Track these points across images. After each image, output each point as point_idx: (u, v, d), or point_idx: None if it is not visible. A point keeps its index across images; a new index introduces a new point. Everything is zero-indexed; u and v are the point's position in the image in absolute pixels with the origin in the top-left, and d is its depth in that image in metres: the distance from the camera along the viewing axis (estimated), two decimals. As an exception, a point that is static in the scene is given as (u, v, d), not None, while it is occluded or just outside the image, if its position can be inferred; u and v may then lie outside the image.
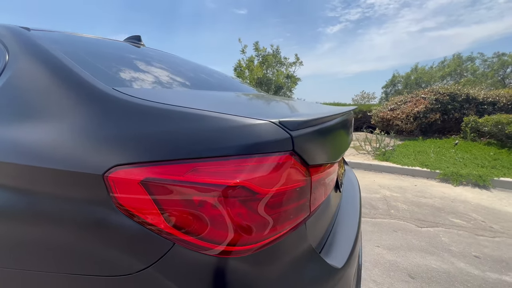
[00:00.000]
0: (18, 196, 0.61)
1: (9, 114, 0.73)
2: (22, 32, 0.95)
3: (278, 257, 0.55)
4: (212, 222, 0.48)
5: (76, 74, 0.70)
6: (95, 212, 0.52)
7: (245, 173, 0.49)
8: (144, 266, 0.48)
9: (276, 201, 0.52)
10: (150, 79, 0.99)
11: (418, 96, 7.57)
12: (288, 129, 0.52)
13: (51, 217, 0.56)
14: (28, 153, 0.61)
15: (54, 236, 0.55)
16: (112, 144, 0.54)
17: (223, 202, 0.48)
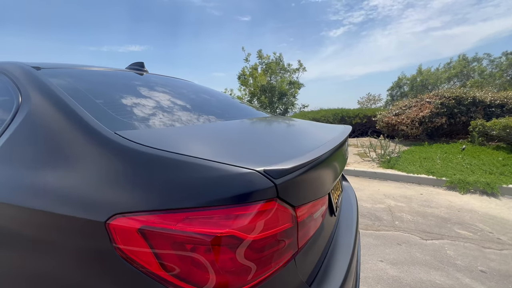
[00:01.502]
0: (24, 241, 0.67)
1: (20, 156, 0.80)
2: (33, 72, 1.03)
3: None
4: (202, 268, 0.52)
5: (81, 119, 0.76)
6: (98, 257, 0.57)
7: (232, 222, 0.53)
8: None
9: (263, 245, 0.56)
10: (151, 113, 1.05)
11: (423, 101, 7.50)
12: (272, 177, 0.57)
13: (59, 262, 0.61)
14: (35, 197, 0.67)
15: (62, 281, 0.60)
16: (112, 192, 0.59)
17: (213, 249, 0.52)
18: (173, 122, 1.03)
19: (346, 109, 10.15)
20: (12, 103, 0.95)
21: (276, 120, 1.59)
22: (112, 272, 0.56)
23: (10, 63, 1.16)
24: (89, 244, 0.57)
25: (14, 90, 0.98)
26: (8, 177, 0.75)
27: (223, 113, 1.48)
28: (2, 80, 1.11)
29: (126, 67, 1.76)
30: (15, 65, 1.11)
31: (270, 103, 14.89)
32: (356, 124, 9.76)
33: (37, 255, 0.64)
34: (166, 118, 1.05)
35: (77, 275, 0.59)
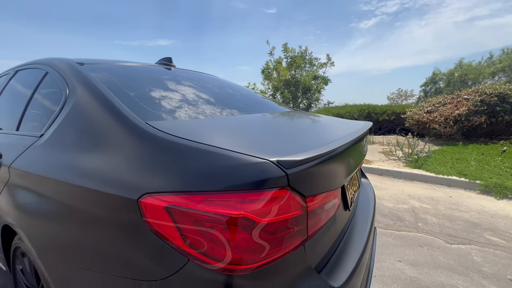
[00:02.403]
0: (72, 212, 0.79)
1: (68, 142, 0.92)
2: (78, 67, 1.16)
3: (276, 275, 0.64)
4: (219, 244, 0.59)
5: (117, 110, 0.86)
6: (131, 229, 0.66)
7: (246, 205, 0.59)
8: (167, 275, 0.61)
9: (273, 229, 0.61)
10: (178, 106, 1.14)
11: (460, 97, 6.95)
12: (284, 167, 0.61)
13: (98, 231, 0.72)
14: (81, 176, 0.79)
15: (101, 247, 0.71)
16: (143, 174, 0.68)
17: (228, 228, 0.58)
18: (198, 114, 1.11)
19: (373, 105, 9.73)
20: (61, 94, 1.09)
21: (296, 114, 1.61)
22: (141, 242, 0.64)
23: (57, 59, 1.31)
24: (124, 217, 0.67)
25: (62, 83, 1.12)
26: (59, 159, 0.88)
27: (245, 107, 1.54)
28: (51, 74, 1.26)
29: (155, 62, 1.88)
30: (62, 61, 1.26)
31: (294, 97, 14.70)
32: (383, 121, 9.33)
33: (81, 224, 0.76)
34: (192, 110, 1.14)
35: (112, 242, 0.69)
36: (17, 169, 1.02)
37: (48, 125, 1.04)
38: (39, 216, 0.88)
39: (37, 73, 1.38)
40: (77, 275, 0.76)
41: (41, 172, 0.89)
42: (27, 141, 1.08)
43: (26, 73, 1.53)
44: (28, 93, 1.35)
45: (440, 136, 7.17)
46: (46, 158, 0.93)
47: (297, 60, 14.43)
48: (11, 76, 1.67)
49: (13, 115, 1.41)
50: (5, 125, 1.48)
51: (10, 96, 1.58)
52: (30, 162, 0.99)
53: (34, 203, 0.90)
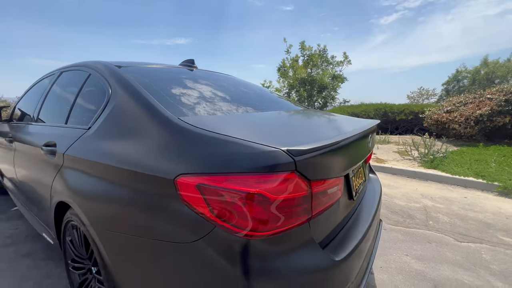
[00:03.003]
0: (119, 188, 0.97)
1: (114, 133, 1.11)
2: (117, 70, 1.36)
3: (284, 242, 0.78)
4: (239, 215, 0.74)
5: (154, 107, 1.03)
6: (167, 203, 0.83)
7: (261, 185, 0.73)
8: (196, 238, 0.77)
9: (283, 205, 0.76)
10: (203, 103, 1.30)
11: (483, 97, 6.69)
12: (292, 155, 0.75)
13: (140, 204, 0.90)
14: (126, 161, 0.96)
15: (142, 216, 0.89)
16: (178, 159, 0.84)
17: (246, 202, 0.73)
18: (220, 111, 1.27)
19: (390, 104, 9.53)
20: (104, 93, 1.28)
21: (307, 112, 1.73)
22: (176, 212, 0.81)
23: (98, 62, 1.51)
24: (162, 192, 0.84)
25: (104, 84, 1.32)
26: (107, 147, 1.06)
27: (261, 105, 1.69)
28: (94, 76, 1.47)
29: (179, 63, 2.07)
30: (103, 64, 1.46)
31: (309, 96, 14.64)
32: (400, 121, 9.13)
33: (126, 199, 0.93)
34: (214, 108, 1.29)
35: (152, 213, 0.86)
36: (71, 155, 1.22)
37: (94, 119, 1.23)
38: (92, 193, 1.07)
39: (81, 74, 1.60)
40: (123, 240, 0.94)
41: (93, 158, 1.09)
42: (77, 132, 1.29)
43: (71, 74, 1.76)
44: (74, 92, 1.57)
45: (461, 137, 6.95)
46: (96, 146, 1.12)
47: (314, 58, 14.34)
48: (56, 76, 1.91)
49: (61, 110, 1.65)
50: (55, 119, 1.71)
51: (58, 94, 1.82)
52: (81, 149, 1.19)
53: (88, 183, 1.10)
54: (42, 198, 1.53)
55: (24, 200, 2.02)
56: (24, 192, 1.94)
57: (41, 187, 1.52)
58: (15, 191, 2.23)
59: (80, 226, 1.16)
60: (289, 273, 0.77)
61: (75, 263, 1.36)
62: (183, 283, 0.82)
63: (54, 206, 1.36)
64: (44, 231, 1.72)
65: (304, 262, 0.81)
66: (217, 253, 0.75)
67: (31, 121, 1.99)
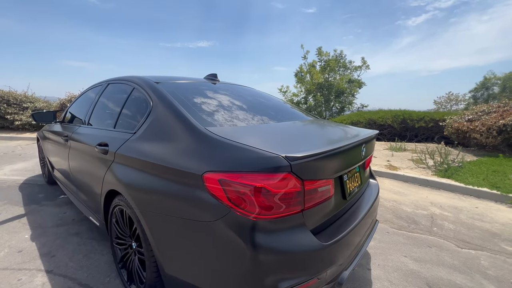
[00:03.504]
0: (160, 180, 1.28)
1: (155, 138, 1.43)
2: (156, 86, 1.70)
3: (283, 224, 1.05)
4: (249, 202, 1.01)
5: (186, 118, 1.34)
6: (196, 192, 1.12)
7: (266, 181, 1.00)
8: (215, 218, 1.05)
9: (281, 197, 1.02)
10: (224, 114, 1.60)
11: (508, 106, 6.48)
12: (289, 160, 1.01)
13: (175, 192, 1.20)
14: (163, 159, 1.28)
15: (177, 201, 1.19)
16: (205, 160, 1.14)
17: (254, 194, 1.00)
18: (238, 120, 1.56)
19: (409, 111, 9.38)
20: (147, 104, 1.62)
21: (312, 122, 1.98)
22: (201, 198, 1.10)
23: (140, 78, 1.87)
24: (192, 184, 1.13)
25: (146, 97, 1.66)
26: (150, 149, 1.39)
27: (274, 115, 1.96)
28: (137, 89, 1.82)
29: (204, 77, 2.40)
30: (144, 80, 1.81)
31: (326, 101, 14.67)
32: (420, 128, 8.96)
33: (165, 188, 1.24)
34: (233, 117, 1.59)
35: (184, 198, 1.16)
36: (121, 154, 1.57)
37: (139, 125, 1.57)
38: (137, 183, 1.40)
39: (126, 87, 1.97)
40: (161, 218, 1.26)
41: (138, 156, 1.42)
42: (125, 136, 1.63)
43: (117, 86, 2.14)
44: (120, 102, 1.94)
45: (484, 147, 6.74)
46: (141, 147, 1.45)
47: (331, 63, 14.40)
48: (104, 87, 2.32)
49: (110, 116, 2.02)
50: (104, 124, 2.10)
51: (106, 102, 2.22)
52: (129, 149, 1.53)
53: (134, 175, 1.43)
54: (94, 188, 1.91)
55: (74, 189, 2.44)
56: (76, 182, 2.35)
57: (93, 178, 1.89)
58: (66, 181, 2.67)
59: (126, 209, 1.50)
60: (285, 246, 1.03)
61: (119, 239, 1.70)
62: (206, 251, 1.10)
63: (104, 194, 1.72)
64: (91, 215, 2.11)
65: (296, 241, 1.06)
66: (231, 230, 1.03)
67: (82, 124, 2.40)
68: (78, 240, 2.30)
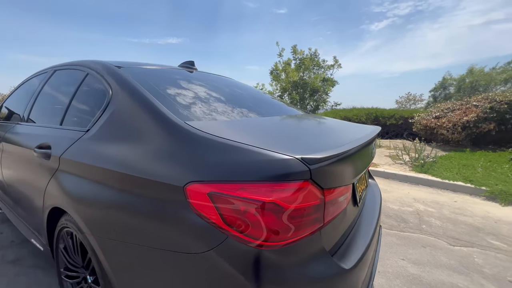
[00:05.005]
0: (122, 195, 0.93)
1: (115, 137, 1.06)
2: (117, 70, 1.31)
3: (297, 252, 0.77)
4: (252, 225, 0.72)
5: (158, 110, 0.99)
6: (176, 211, 0.79)
7: (275, 193, 0.72)
8: (207, 249, 0.74)
9: (297, 214, 0.74)
10: (208, 107, 1.27)
11: (469, 104, 6.94)
12: (307, 163, 0.74)
13: (146, 211, 0.86)
14: (130, 166, 0.93)
15: (148, 224, 0.85)
16: (187, 166, 0.81)
17: (260, 212, 0.71)
18: (226, 116, 1.24)
19: (381, 109, 9.75)
20: (104, 94, 1.24)
21: (311, 118, 1.74)
22: (184, 221, 0.78)
23: (97, 62, 1.46)
24: (170, 200, 0.81)
25: (104, 85, 1.27)
26: (109, 151, 1.02)
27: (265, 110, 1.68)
28: (92, 76, 1.41)
29: (179, 64, 2.03)
30: (102, 64, 1.41)
31: (301, 99, 14.74)
32: (390, 125, 9.34)
33: (131, 206, 0.90)
34: (220, 112, 1.27)
35: (159, 220, 0.83)
36: (68, 159, 1.17)
37: (94, 121, 1.18)
38: (92, 199, 1.02)
39: (78, 74, 1.54)
40: (126, 249, 0.90)
41: (93, 162, 1.04)
42: (74, 134, 1.23)
43: (66, 74, 1.69)
44: (70, 92, 1.50)
45: (448, 142, 7.17)
46: (96, 150, 1.07)
47: (306, 62, 14.48)
48: (49, 75, 1.84)
49: (55, 111, 1.58)
50: (48, 120, 1.64)
51: (51, 93, 1.75)
52: (80, 153, 1.13)
53: (87, 188, 1.05)
54: (34, 203, 1.46)
55: (11, 204, 1.92)
56: (12, 195, 1.84)
57: (33, 190, 1.45)
58: (1, 193, 2.12)
59: (76, 233, 1.11)
60: (301, 284, 0.76)
61: (68, 271, 1.30)
62: None
63: (47, 211, 1.29)
64: (33, 237, 1.64)
65: (316, 272, 0.79)
66: (230, 264, 0.72)
67: (20, 121, 1.90)
68: (17, 269, 1.80)
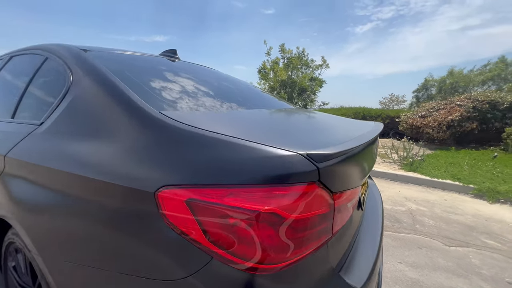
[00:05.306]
0: (80, 204, 0.73)
1: (73, 131, 0.86)
2: (82, 54, 1.10)
3: (300, 276, 0.61)
4: (244, 241, 0.55)
5: (128, 98, 0.80)
6: (146, 224, 0.61)
7: (275, 200, 0.55)
8: (186, 274, 0.56)
9: (301, 226, 0.58)
10: (192, 97, 1.09)
11: (453, 103, 7.10)
12: (315, 161, 0.58)
13: (108, 224, 0.67)
14: (89, 167, 0.73)
15: (111, 241, 0.66)
16: (161, 166, 0.63)
17: (255, 225, 0.54)
18: (213, 107, 1.06)
19: (368, 108, 9.85)
20: (63, 81, 1.02)
21: (309, 112, 1.58)
22: (156, 238, 0.60)
23: (58, 45, 1.23)
24: (136, 211, 0.62)
25: (64, 70, 1.05)
26: (64, 148, 0.81)
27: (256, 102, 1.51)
28: (51, 60, 1.19)
29: (159, 53, 1.82)
30: (63, 47, 1.19)
31: (289, 98, 14.71)
32: (377, 125, 9.45)
33: (88, 218, 0.70)
34: (206, 103, 1.09)
35: (123, 238, 0.64)
36: (14, 158, 0.95)
37: (49, 112, 0.97)
38: (41, 209, 0.81)
39: (35, 59, 1.30)
40: (82, 272, 0.71)
41: (44, 163, 0.83)
42: (25, 129, 1.01)
43: (23, 59, 1.45)
44: (25, 80, 1.27)
45: (433, 141, 7.30)
46: (49, 147, 0.86)
47: (294, 61, 14.46)
48: (5, 62, 1.58)
49: (8, 102, 1.33)
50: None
51: (5, 82, 1.49)
52: (29, 151, 0.92)
53: (36, 195, 0.84)
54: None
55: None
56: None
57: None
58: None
59: (25, 251, 0.89)
60: None
61: (20, 294, 1.07)
62: None
63: (-8, 223, 1.06)
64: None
65: None
66: (215, 295, 0.55)
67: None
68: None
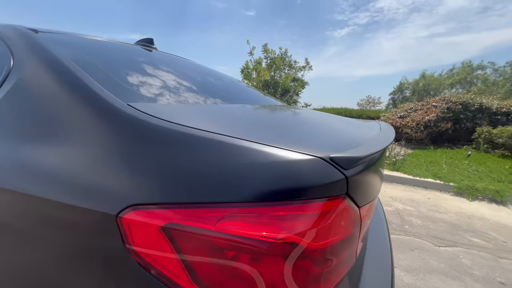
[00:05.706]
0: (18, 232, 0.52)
1: (6, 130, 0.65)
2: (30, 34, 0.88)
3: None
4: (247, 284, 0.39)
5: (87, 87, 0.61)
6: (108, 259, 0.43)
7: (290, 223, 0.39)
8: None
9: (323, 256, 0.43)
10: (167, 91, 0.90)
11: (429, 104, 7.40)
12: (342, 168, 0.43)
13: (54, 259, 0.48)
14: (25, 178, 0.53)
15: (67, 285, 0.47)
16: (127, 177, 0.45)
17: (264, 260, 0.38)
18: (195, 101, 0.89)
19: (350, 109, 10.06)
20: (3, 66, 0.80)
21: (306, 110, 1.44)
22: (122, 278, 0.42)
23: (2, 25, 0.99)
24: (94, 242, 0.44)
25: (4, 52, 0.83)
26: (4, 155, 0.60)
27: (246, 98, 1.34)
28: None
29: (134, 42, 1.60)
30: (7, 26, 0.95)
31: (272, 99, 14.72)
32: (358, 125, 9.67)
33: (30, 250, 0.50)
34: (186, 97, 0.91)
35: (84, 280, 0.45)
36: None
37: None
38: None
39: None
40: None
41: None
42: None
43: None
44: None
45: (411, 141, 7.56)
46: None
47: (277, 61, 14.45)
48: None
49: None
50: None
51: None
52: None
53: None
54: None
55: None
56: None
57: None
58: None
59: None
60: None
61: None
62: None
63: None
64: None
65: None
66: None
67: None
68: None
